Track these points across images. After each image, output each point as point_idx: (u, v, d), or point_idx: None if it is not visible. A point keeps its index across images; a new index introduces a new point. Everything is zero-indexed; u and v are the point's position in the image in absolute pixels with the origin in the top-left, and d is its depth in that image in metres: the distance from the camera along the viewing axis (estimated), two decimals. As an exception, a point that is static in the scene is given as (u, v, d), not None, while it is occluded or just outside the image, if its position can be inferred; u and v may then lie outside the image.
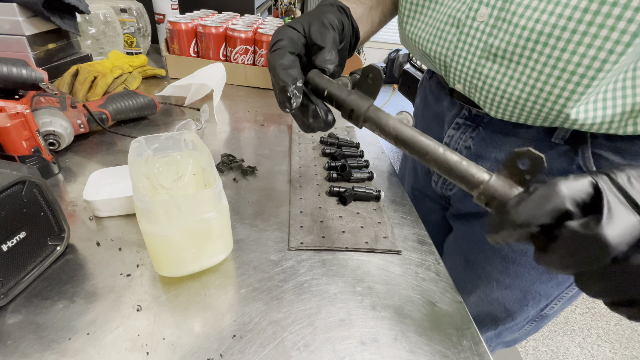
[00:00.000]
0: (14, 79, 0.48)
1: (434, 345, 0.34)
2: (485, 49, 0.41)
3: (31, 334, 0.30)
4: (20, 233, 0.33)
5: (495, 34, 0.39)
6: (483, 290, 0.57)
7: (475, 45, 0.42)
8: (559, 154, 0.44)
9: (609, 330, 1.59)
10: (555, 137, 0.44)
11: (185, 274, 0.37)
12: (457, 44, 0.43)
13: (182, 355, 0.30)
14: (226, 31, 0.86)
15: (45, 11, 0.66)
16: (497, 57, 0.40)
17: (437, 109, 0.59)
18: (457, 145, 0.54)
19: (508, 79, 0.40)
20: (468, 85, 0.45)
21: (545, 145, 0.45)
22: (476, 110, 0.50)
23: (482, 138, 0.51)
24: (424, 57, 0.51)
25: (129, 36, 0.94)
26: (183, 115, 0.74)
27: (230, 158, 0.58)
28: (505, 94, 0.41)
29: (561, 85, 0.37)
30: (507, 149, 0.49)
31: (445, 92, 0.57)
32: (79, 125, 0.57)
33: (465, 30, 0.42)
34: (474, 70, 0.43)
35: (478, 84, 0.43)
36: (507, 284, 0.54)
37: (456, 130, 0.54)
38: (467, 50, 0.43)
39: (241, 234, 0.44)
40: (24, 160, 0.46)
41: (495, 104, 0.43)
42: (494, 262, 0.54)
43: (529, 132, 0.46)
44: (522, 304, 0.55)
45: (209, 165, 0.37)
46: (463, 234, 0.59)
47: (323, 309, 0.36)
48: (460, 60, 0.44)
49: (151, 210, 0.31)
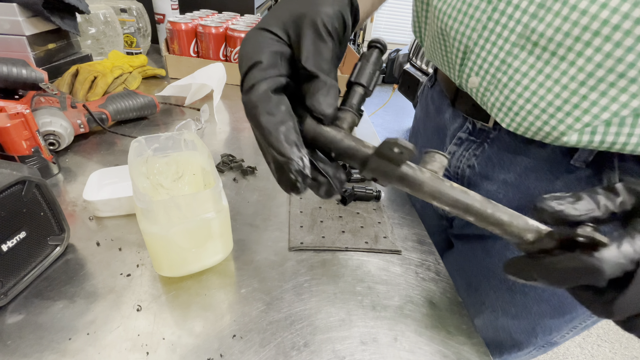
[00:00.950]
0: (14, 79, 0.48)
1: (434, 345, 0.34)
2: (523, 34, 0.32)
3: (31, 334, 0.30)
4: (20, 233, 0.33)
5: (542, 17, 0.30)
6: (488, 316, 0.52)
7: (510, 27, 0.33)
8: (579, 179, 0.38)
9: (609, 330, 1.59)
10: (575, 159, 0.37)
11: (185, 274, 0.37)
12: (487, 23, 0.34)
13: (182, 355, 0.30)
14: (226, 31, 0.86)
15: (45, 11, 0.66)
16: (535, 47, 0.32)
17: (438, 122, 0.53)
18: (459, 163, 0.48)
19: (543, 77, 0.32)
20: (488, 80, 0.37)
21: (562, 168, 0.38)
22: (481, 124, 0.44)
23: (488, 157, 0.44)
24: (437, 41, 0.42)
25: (129, 36, 0.94)
26: (183, 115, 0.74)
27: (230, 158, 0.58)
28: (532, 97, 0.33)
29: (602, 89, 0.29)
30: (517, 170, 0.42)
31: (447, 103, 0.50)
32: (79, 125, 0.57)
33: (501, 7, 0.33)
34: (501, 60, 0.34)
35: (502, 79, 0.35)
36: (514, 314, 0.49)
37: (458, 146, 0.47)
38: (499, 33, 0.34)
39: (241, 234, 0.44)
40: (24, 160, 0.46)
41: (514, 109, 0.35)
42: (500, 291, 0.49)
43: (542, 152, 0.39)
44: (530, 335, 0.50)
45: (209, 165, 0.37)
46: (465, 256, 0.54)
47: (323, 309, 0.36)
48: (487, 46, 0.35)
49: (151, 210, 0.31)
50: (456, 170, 0.48)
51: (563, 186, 0.39)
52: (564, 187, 0.39)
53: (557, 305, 0.45)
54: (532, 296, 0.46)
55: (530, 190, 0.41)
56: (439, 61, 0.45)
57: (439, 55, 0.44)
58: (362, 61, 0.26)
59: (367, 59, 0.26)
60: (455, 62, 0.40)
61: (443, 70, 0.45)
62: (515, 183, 0.42)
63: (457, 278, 0.54)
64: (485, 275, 0.50)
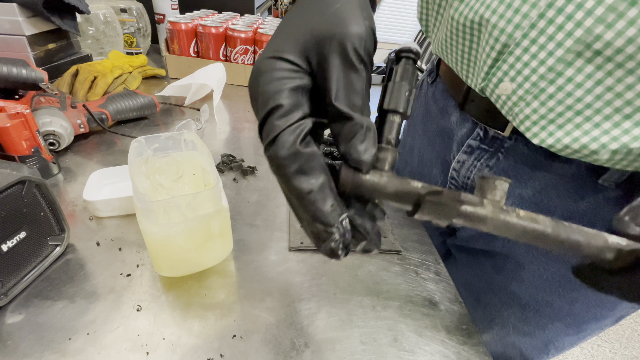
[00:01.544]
0: (14, 79, 0.48)
1: (434, 345, 0.34)
2: (583, 39, 0.26)
3: (31, 334, 0.30)
4: (20, 233, 0.33)
5: (611, 22, 0.25)
6: (497, 332, 0.49)
7: (568, 30, 0.27)
8: (607, 200, 0.35)
9: (609, 330, 1.59)
10: (605, 178, 0.33)
11: (185, 274, 0.37)
12: (537, 21, 0.28)
13: (182, 355, 0.30)
14: (226, 31, 0.86)
15: (45, 11, 0.66)
16: (597, 56, 0.26)
17: (442, 124, 0.48)
18: (469, 173, 0.44)
19: (603, 89, 0.27)
20: (526, 88, 0.31)
21: (587, 187, 0.35)
22: (494, 132, 0.39)
23: (503, 169, 0.40)
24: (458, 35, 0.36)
25: (129, 36, 0.94)
26: (183, 115, 0.74)
27: (230, 158, 0.58)
28: (585, 109, 0.29)
29: None
30: (535, 185, 0.38)
31: (453, 104, 0.45)
32: (79, 125, 0.57)
33: (559, 3, 0.27)
34: (549, 67, 0.29)
35: (547, 89, 0.30)
36: (527, 331, 0.46)
37: (468, 155, 0.43)
38: (551, 35, 0.28)
39: (241, 234, 0.44)
40: (24, 160, 0.46)
41: (558, 122, 0.30)
42: (512, 309, 0.46)
43: (567, 168, 0.35)
44: (541, 352, 0.48)
45: (209, 165, 0.37)
46: (472, 271, 0.51)
47: (323, 309, 0.36)
48: (532, 48, 0.29)
49: (151, 210, 0.31)
50: (465, 181, 0.45)
51: (589, 207, 0.36)
52: (590, 208, 0.35)
53: (571, 323, 0.43)
54: (547, 314, 0.43)
55: (551, 209, 0.38)
56: (454, 58, 0.39)
57: (456, 52, 0.38)
58: (394, 79, 0.22)
59: (400, 76, 0.22)
60: (483, 62, 0.34)
61: (457, 69, 0.40)
62: (532, 199, 0.39)
63: (463, 291, 0.51)
64: (496, 292, 0.47)
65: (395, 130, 0.22)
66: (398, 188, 0.20)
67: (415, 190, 0.20)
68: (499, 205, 0.20)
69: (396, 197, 0.21)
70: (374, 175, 0.20)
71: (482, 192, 0.20)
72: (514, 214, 0.20)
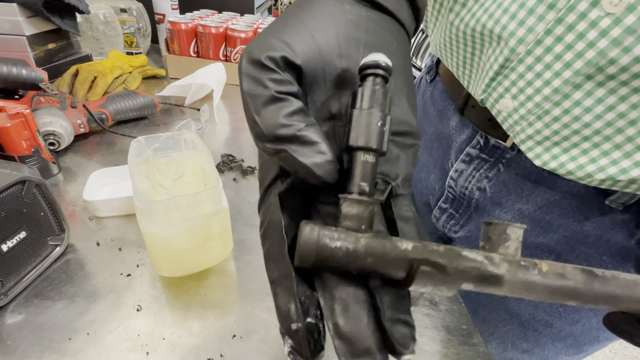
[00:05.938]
0: (14, 79, 0.48)
1: (434, 345, 0.34)
2: (595, 62, 0.23)
3: (31, 334, 0.30)
4: (20, 233, 0.33)
5: (629, 46, 0.22)
6: (496, 347, 0.48)
7: (578, 50, 0.24)
8: (614, 223, 0.32)
9: (609, 330, 1.59)
10: (612, 200, 0.31)
11: (185, 274, 0.37)
12: (544, 37, 0.26)
13: (182, 355, 0.30)
14: (226, 31, 0.86)
15: (45, 11, 0.66)
16: (610, 80, 0.24)
17: (441, 128, 0.45)
18: (467, 184, 0.41)
19: (614, 115, 0.25)
20: (528, 108, 0.29)
21: (593, 208, 0.33)
22: (495, 141, 0.37)
23: (503, 182, 0.38)
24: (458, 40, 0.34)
25: (129, 36, 0.94)
26: (183, 115, 0.74)
27: (230, 158, 0.58)
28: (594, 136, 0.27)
29: None
30: (537, 202, 0.36)
31: (452, 108, 0.42)
32: (79, 125, 0.57)
33: (570, 20, 0.24)
34: (554, 89, 0.26)
35: (551, 111, 0.28)
36: (526, 348, 0.45)
37: (467, 164, 0.40)
38: (559, 54, 0.25)
39: (241, 234, 0.44)
40: (24, 160, 0.46)
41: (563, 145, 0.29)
42: (511, 326, 0.44)
43: (572, 186, 0.33)
44: None
45: (209, 165, 0.37)
46: None
47: (323, 309, 0.36)
48: (537, 67, 0.27)
49: (151, 210, 0.31)
50: (462, 191, 0.42)
51: (593, 229, 0.34)
52: (595, 230, 0.33)
53: (572, 344, 0.41)
54: (547, 334, 0.42)
55: (552, 228, 0.36)
56: (454, 63, 0.37)
57: (456, 57, 0.36)
58: (360, 106, 0.16)
59: (368, 101, 0.16)
60: (484, 74, 0.32)
61: (457, 74, 0.37)
62: (533, 216, 0.37)
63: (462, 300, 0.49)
64: (494, 308, 0.46)
65: (370, 175, 0.16)
66: (381, 254, 0.15)
67: (404, 255, 0.15)
68: (515, 261, 0.16)
69: (380, 265, 0.15)
70: (346, 239, 0.15)
71: (491, 244, 0.16)
72: (535, 270, 0.16)
